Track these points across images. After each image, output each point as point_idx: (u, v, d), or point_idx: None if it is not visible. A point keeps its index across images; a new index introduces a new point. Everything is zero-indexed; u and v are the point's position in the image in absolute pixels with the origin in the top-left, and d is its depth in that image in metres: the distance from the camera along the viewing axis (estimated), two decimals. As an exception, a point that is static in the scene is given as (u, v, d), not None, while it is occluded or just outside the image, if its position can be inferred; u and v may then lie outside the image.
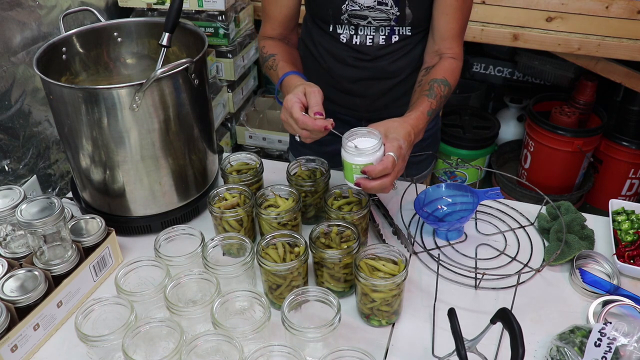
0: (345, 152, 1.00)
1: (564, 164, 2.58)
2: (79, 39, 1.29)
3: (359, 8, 1.22)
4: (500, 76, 3.01)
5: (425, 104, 1.13)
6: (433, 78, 1.20)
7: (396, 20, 1.23)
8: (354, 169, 0.99)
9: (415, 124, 1.07)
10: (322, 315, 0.94)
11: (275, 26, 1.32)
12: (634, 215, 1.25)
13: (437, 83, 1.18)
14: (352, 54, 1.31)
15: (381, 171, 0.97)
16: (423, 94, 1.17)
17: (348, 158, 0.99)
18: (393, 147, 0.99)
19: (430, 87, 1.17)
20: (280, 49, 1.29)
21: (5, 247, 1.12)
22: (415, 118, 1.09)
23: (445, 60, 1.24)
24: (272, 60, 1.26)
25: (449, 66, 1.23)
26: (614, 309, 1.02)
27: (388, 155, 0.98)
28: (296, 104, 1.04)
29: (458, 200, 1.25)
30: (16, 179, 1.60)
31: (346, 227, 1.08)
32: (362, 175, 0.99)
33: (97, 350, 0.93)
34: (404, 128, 1.04)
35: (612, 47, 2.10)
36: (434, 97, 1.16)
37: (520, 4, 2.15)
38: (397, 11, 1.22)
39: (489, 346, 0.99)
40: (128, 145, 1.14)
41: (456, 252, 1.21)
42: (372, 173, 0.97)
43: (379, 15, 1.22)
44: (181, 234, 1.11)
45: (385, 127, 1.03)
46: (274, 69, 1.24)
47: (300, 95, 1.05)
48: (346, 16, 1.24)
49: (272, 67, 1.25)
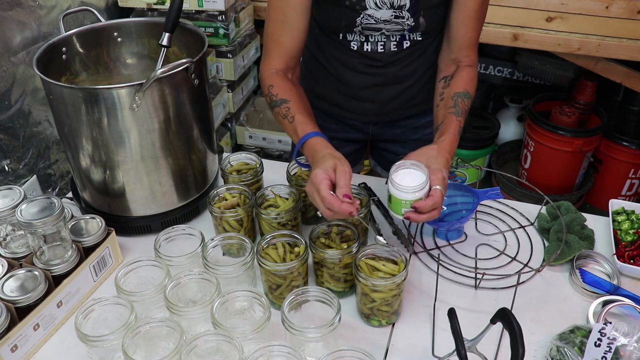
0: (394, 188, 1.01)
1: (564, 164, 2.58)
2: (79, 39, 1.29)
3: (375, 22, 1.19)
4: (500, 76, 3.01)
5: (454, 125, 1.13)
6: (456, 92, 1.18)
7: (410, 30, 1.22)
8: (403, 204, 1.01)
9: (450, 149, 1.08)
10: (322, 315, 0.94)
11: (282, 54, 1.20)
12: (634, 215, 1.25)
13: (460, 98, 1.17)
14: (363, 61, 1.28)
15: (432, 206, 0.99)
16: (449, 111, 1.15)
17: (398, 195, 1.00)
18: (438, 180, 1.00)
19: (455, 103, 1.16)
20: (293, 93, 1.18)
21: (5, 247, 1.12)
22: (450, 142, 1.09)
23: (463, 69, 1.23)
24: (285, 109, 1.15)
25: (468, 76, 1.22)
26: (614, 309, 1.02)
27: (436, 190, 0.99)
28: (324, 180, 0.98)
29: (458, 200, 1.25)
30: (16, 179, 1.60)
31: (346, 227, 1.08)
32: (412, 209, 1.00)
33: (97, 350, 0.93)
34: (443, 156, 1.05)
35: (612, 47, 2.10)
36: (461, 114, 1.15)
37: (520, 4, 2.15)
38: (412, 22, 1.20)
39: (489, 346, 0.99)
40: (128, 145, 1.14)
41: (456, 252, 1.21)
42: (424, 209, 0.99)
43: (394, 27, 1.21)
44: (181, 234, 1.11)
45: (426, 158, 1.03)
46: (289, 121, 1.14)
47: (330, 172, 1.00)
48: (359, 28, 1.21)
49: (285, 116, 1.15)
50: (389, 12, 1.18)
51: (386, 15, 1.18)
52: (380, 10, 1.17)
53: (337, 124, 1.45)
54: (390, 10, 1.17)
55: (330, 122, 1.44)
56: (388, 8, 1.17)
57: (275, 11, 1.18)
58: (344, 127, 1.44)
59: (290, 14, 1.17)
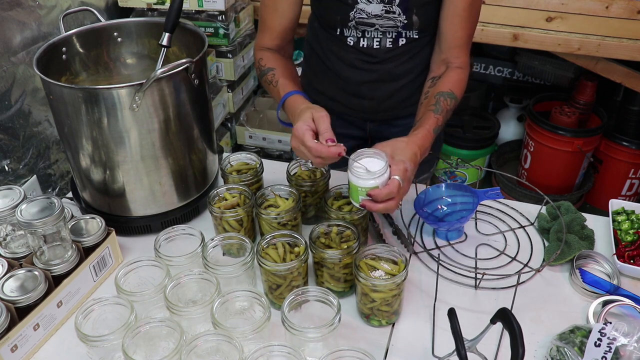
0: (351, 174, 0.99)
1: (564, 164, 2.58)
2: (79, 39, 1.29)
3: (367, 16, 1.21)
4: (500, 76, 3.01)
5: (431, 121, 1.12)
6: (440, 91, 1.18)
7: (404, 27, 1.23)
8: (359, 190, 0.99)
9: (421, 144, 1.07)
10: (322, 315, 0.94)
11: (273, 37, 1.29)
12: (634, 215, 1.25)
13: (443, 97, 1.17)
14: (359, 57, 1.30)
15: (386, 195, 0.97)
16: (429, 108, 1.15)
17: (354, 180, 0.99)
18: (399, 170, 0.98)
19: (436, 101, 1.16)
20: (279, 63, 1.26)
21: (5, 247, 1.12)
22: (422, 137, 1.08)
23: (452, 70, 1.23)
24: (270, 75, 1.24)
25: (455, 77, 1.22)
26: (614, 309, 1.02)
27: (394, 179, 0.97)
28: (307, 131, 1.02)
29: (458, 200, 1.25)
30: (16, 179, 1.60)
31: (346, 227, 1.08)
32: (368, 197, 0.98)
33: (97, 350, 0.93)
34: (411, 149, 1.03)
35: (612, 47, 2.10)
36: (440, 112, 1.15)
37: (520, 4, 2.15)
38: (404, 19, 1.21)
39: (489, 346, 0.99)
40: (128, 145, 1.14)
41: (456, 252, 1.21)
42: (378, 197, 0.97)
43: (387, 23, 1.22)
44: (181, 234, 1.11)
45: (392, 148, 1.02)
46: (274, 85, 1.22)
47: (310, 122, 1.04)
48: (353, 23, 1.24)
49: (271, 82, 1.23)
50: (379, 6, 1.19)
51: (377, 9, 1.20)
52: (370, 5, 1.19)
53: (337, 119, 1.45)
54: (381, 5, 1.19)
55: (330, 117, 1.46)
56: (378, 2, 1.18)
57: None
58: (343, 123, 1.46)
59: (281, 4, 1.25)
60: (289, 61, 1.32)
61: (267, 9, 1.28)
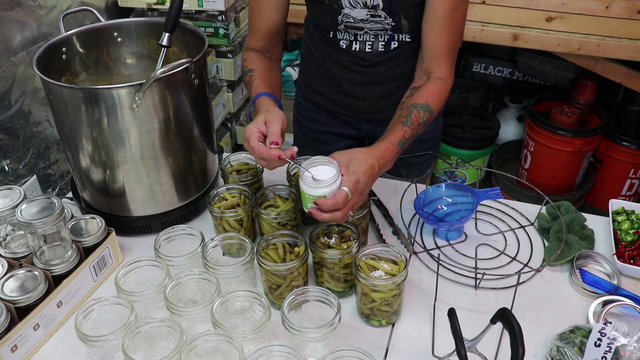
0: (301, 181, 0.98)
1: (564, 164, 2.58)
2: (79, 39, 1.29)
3: (353, 20, 1.21)
4: (500, 76, 3.01)
5: (397, 134, 1.09)
6: (414, 103, 1.14)
7: (393, 30, 1.22)
8: (308, 198, 0.98)
9: (381, 156, 1.04)
10: (322, 315, 0.94)
11: (259, 39, 1.29)
12: (634, 215, 1.25)
13: (416, 109, 1.13)
14: (351, 60, 1.30)
15: (332, 206, 0.95)
16: (400, 120, 1.12)
17: (303, 187, 0.98)
18: (350, 182, 0.96)
19: (409, 113, 1.12)
20: (260, 64, 1.26)
21: (5, 247, 1.12)
22: (384, 149, 1.05)
23: (432, 82, 1.18)
24: (249, 76, 1.24)
25: (433, 89, 1.17)
26: (614, 309, 1.02)
27: (341, 191, 0.95)
28: (254, 133, 1.03)
29: (458, 200, 1.25)
30: (16, 179, 1.60)
31: (346, 227, 1.08)
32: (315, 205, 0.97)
33: (97, 350, 0.93)
34: (368, 161, 1.00)
35: (612, 47, 2.10)
36: (409, 125, 1.11)
37: (520, 4, 2.15)
38: (392, 22, 1.20)
39: (489, 346, 0.99)
40: (128, 145, 1.14)
41: (456, 252, 1.21)
42: (323, 207, 0.95)
43: (375, 26, 1.21)
44: (181, 234, 1.11)
45: (348, 158, 1.00)
46: (250, 85, 1.23)
47: (260, 124, 1.04)
48: (342, 26, 1.24)
49: (248, 82, 1.24)
50: (364, 11, 1.19)
51: (362, 14, 1.20)
52: (355, 10, 1.19)
53: (333, 119, 1.48)
54: (365, 10, 1.19)
55: (326, 117, 1.47)
56: (362, 7, 1.18)
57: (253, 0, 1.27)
58: (339, 123, 1.46)
59: (264, 7, 1.26)
60: (272, 63, 1.31)
61: (252, 11, 1.28)
